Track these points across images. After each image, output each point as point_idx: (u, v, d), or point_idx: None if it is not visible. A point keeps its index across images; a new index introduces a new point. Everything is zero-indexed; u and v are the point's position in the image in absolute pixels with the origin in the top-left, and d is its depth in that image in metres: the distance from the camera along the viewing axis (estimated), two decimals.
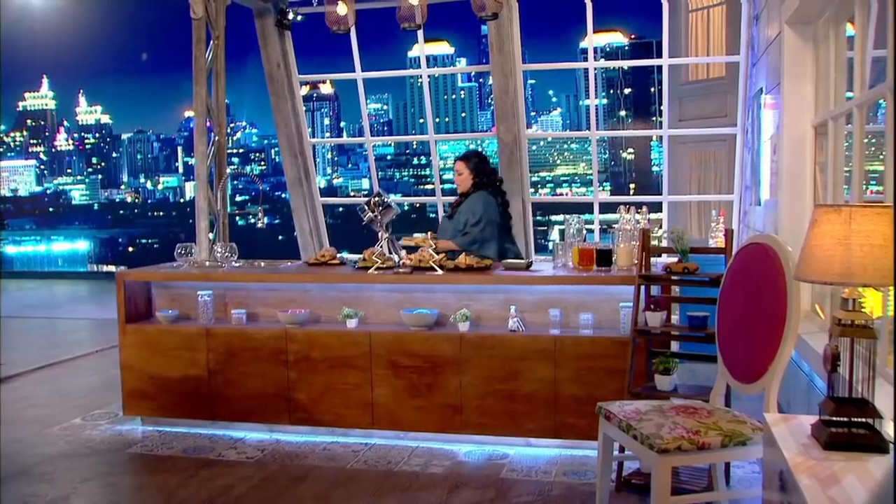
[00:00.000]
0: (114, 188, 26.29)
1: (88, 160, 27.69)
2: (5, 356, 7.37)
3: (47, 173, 29.39)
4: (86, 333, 9.70)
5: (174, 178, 27.31)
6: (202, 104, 7.71)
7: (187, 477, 4.42)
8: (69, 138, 27.54)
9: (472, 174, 5.98)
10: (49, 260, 19.05)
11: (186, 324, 5.28)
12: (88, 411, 5.81)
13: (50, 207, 28.40)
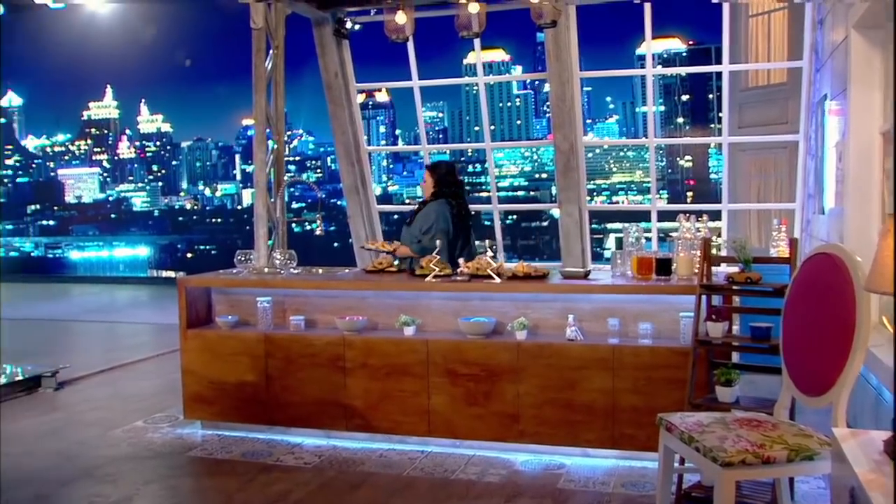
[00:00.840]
0: (173, 195, 26.85)
1: (149, 168, 28.34)
2: (68, 359, 7.54)
3: (110, 181, 30.18)
4: (145, 338, 9.90)
5: (232, 185, 27.87)
6: (262, 113, 7.82)
7: (246, 481, 4.47)
8: (131, 146, 28.24)
9: (435, 184, 6.17)
10: (111, 265, 19.50)
11: (245, 329, 5.35)
12: (150, 414, 5.92)
13: (112, 214, 29.16)
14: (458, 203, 6.15)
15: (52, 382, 6.80)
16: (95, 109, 20.44)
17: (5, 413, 6.06)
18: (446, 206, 6.07)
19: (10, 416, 5.99)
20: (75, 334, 10.33)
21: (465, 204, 6.23)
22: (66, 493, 4.37)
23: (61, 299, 14.10)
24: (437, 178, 6.22)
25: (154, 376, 7.34)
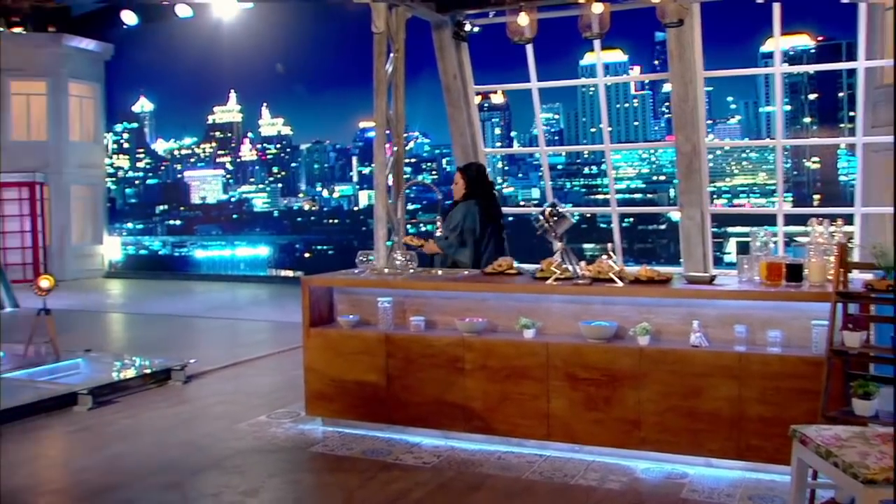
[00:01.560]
0: (292, 196, 27.77)
1: (270, 170, 29.36)
2: (194, 353, 7.86)
3: (232, 182, 31.42)
4: (265, 335, 10.22)
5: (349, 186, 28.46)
6: (382, 116, 7.97)
7: (367, 479, 4.56)
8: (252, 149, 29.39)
9: (466, 185, 6.44)
10: (232, 264, 20.29)
11: (366, 329, 5.46)
12: (272, 409, 6.10)
13: (234, 214, 30.34)
14: (488, 204, 6.40)
15: (181, 376, 7.11)
16: (220, 114, 21.41)
17: (139, 403, 6.38)
18: (475, 206, 6.35)
19: (144, 406, 6.30)
20: (200, 330, 10.77)
21: (496, 205, 6.46)
22: (196, 483, 4.56)
23: (186, 296, 14.72)
24: (469, 180, 6.47)
25: (275, 373, 7.57)
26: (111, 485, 4.55)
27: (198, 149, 19.91)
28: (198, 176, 19.66)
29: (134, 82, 18.65)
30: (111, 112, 20.11)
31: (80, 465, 4.95)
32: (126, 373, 7.18)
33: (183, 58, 17.40)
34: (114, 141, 17.85)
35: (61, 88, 18.46)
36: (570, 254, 5.47)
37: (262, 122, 18.95)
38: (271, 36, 15.72)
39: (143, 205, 19.01)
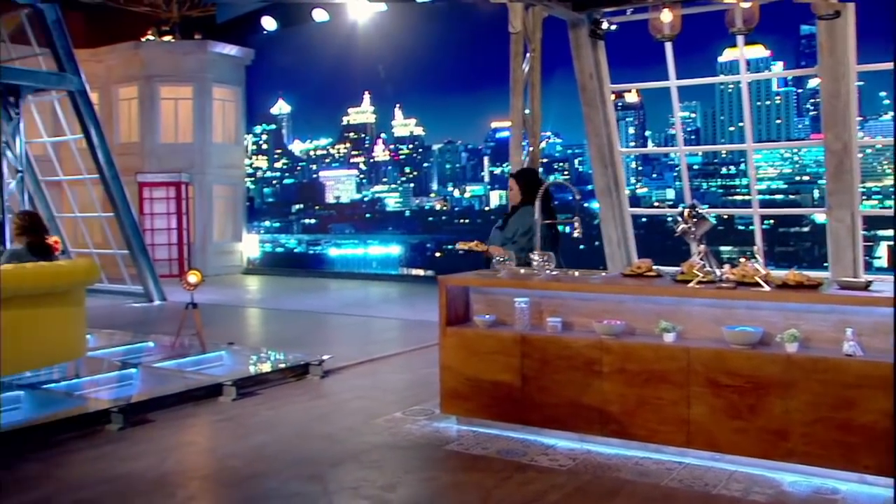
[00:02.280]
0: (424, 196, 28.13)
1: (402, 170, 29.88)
2: (329, 349, 8.07)
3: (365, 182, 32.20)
4: (397, 332, 10.42)
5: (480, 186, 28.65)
6: (518, 115, 7.99)
7: (502, 479, 4.58)
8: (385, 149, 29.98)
9: (522, 189, 6.58)
10: (365, 262, 20.83)
11: (502, 329, 5.49)
12: (407, 406, 6.22)
13: (367, 214, 31.03)
14: (548, 208, 6.44)
15: (319, 370, 7.34)
16: (354, 115, 22.09)
17: (279, 395, 6.64)
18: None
19: (284, 398, 6.54)
20: (334, 327, 11.08)
21: (552, 208, 6.55)
22: (336, 475, 4.71)
23: (321, 293, 15.18)
24: (523, 185, 6.62)
25: (408, 370, 7.71)
26: (255, 473, 4.76)
27: (332, 149, 20.62)
28: (332, 176, 20.36)
29: (273, 85, 19.61)
30: (251, 114, 20.98)
31: (226, 453, 5.19)
32: (267, 366, 7.48)
33: (319, 61, 18.12)
34: (253, 142, 18.72)
35: (206, 93, 19.38)
36: (712, 256, 5.34)
37: (395, 122, 19.45)
38: (404, 37, 16.12)
39: (280, 204, 19.87)
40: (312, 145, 21.21)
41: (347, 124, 21.16)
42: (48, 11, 12.67)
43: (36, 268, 6.13)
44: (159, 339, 8.89)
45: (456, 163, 19.68)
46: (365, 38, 18.58)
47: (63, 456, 5.09)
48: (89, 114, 13.25)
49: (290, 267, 20.01)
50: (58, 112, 15.93)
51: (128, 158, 17.61)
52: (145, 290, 13.69)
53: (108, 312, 11.83)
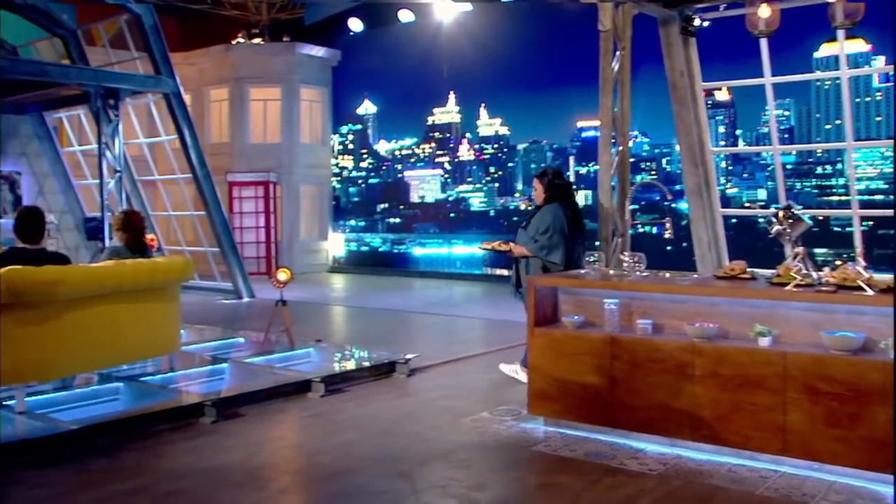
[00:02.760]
0: (508, 195, 27.95)
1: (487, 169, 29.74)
2: (413, 348, 8.12)
3: (450, 182, 32.22)
4: (481, 332, 10.42)
5: None
6: (607, 114, 7.90)
7: (591, 482, 4.55)
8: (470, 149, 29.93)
9: (545, 189, 6.78)
10: (449, 262, 20.89)
11: (591, 330, 5.44)
12: (493, 406, 6.22)
13: (451, 213, 31.12)
14: (570, 206, 6.76)
15: (405, 369, 7.41)
16: (439, 115, 22.05)
17: (366, 393, 6.72)
18: (560, 208, 6.69)
19: (371, 396, 6.62)
20: (419, 326, 11.15)
21: (576, 207, 6.82)
22: (424, 473, 4.75)
23: (405, 292, 15.30)
24: (547, 184, 6.82)
25: (493, 370, 7.69)
26: (344, 469, 4.83)
27: (418, 149, 20.64)
28: (417, 175, 20.36)
29: (359, 86, 19.87)
30: (337, 115, 21.33)
31: (315, 449, 5.29)
32: (354, 364, 7.58)
33: (405, 61, 18.23)
34: (339, 142, 18.97)
35: (294, 94, 19.77)
36: (809, 259, 5.19)
37: (481, 122, 19.32)
38: (490, 37, 16.02)
39: (366, 203, 19.97)
40: (398, 145, 21.44)
41: (432, 124, 21.31)
42: (146, 17, 13.12)
43: (135, 264, 6.36)
44: (249, 335, 9.12)
45: (541, 162, 19.62)
46: (450, 39, 18.67)
47: (159, 447, 5.26)
48: (183, 115, 13.66)
49: (374, 266, 20.22)
50: (153, 114, 16.49)
51: (218, 158, 18.08)
52: (235, 288, 14.05)
53: (199, 308, 12.18)
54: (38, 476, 4.71)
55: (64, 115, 16.69)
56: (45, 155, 16.38)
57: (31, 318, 5.47)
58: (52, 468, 4.83)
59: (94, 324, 5.91)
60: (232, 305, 13.24)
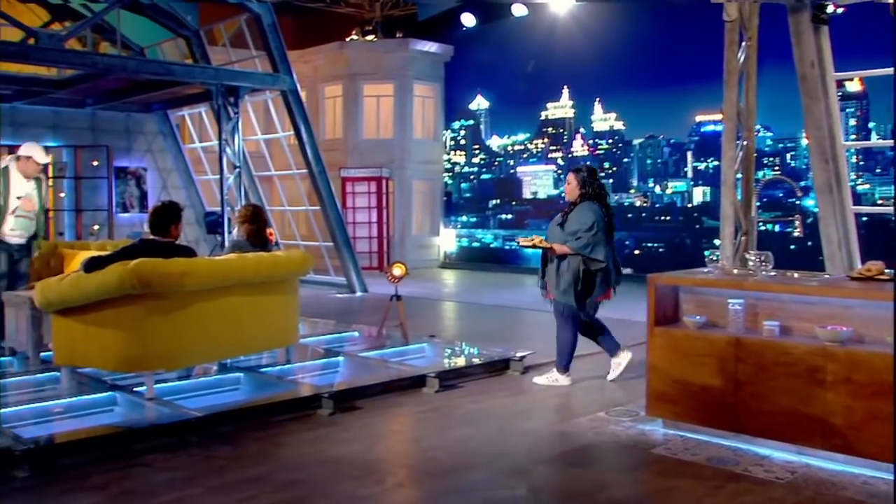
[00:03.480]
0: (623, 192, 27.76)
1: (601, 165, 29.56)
2: (524, 345, 8.08)
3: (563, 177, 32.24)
4: None
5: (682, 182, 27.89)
6: (732, 108, 7.70)
7: (714, 487, 4.44)
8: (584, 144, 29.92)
9: (580, 185, 6.80)
10: None
11: (714, 331, 5.31)
12: (610, 407, 6.15)
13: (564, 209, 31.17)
14: (605, 205, 6.84)
15: (519, 366, 7.41)
16: (552, 110, 22.06)
17: (480, 389, 6.75)
18: (597, 206, 6.78)
19: (485, 393, 6.65)
20: (530, 323, 11.10)
21: (609, 207, 6.89)
22: (541, 472, 4.74)
23: (516, 288, 15.27)
24: (581, 181, 6.82)
25: (608, 370, 7.62)
26: (459, 465, 4.87)
27: (530, 144, 20.61)
28: (529, 171, 20.34)
29: (471, 81, 19.75)
30: (449, 110, 21.54)
31: (430, 444, 5.35)
32: (467, 360, 7.63)
33: (517, 56, 18.12)
34: (451, 138, 19.11)
35: (407, 89, 20.03)
36: None
37: (595, 117, 19.12)
38: (604, 30, 15.83)
39: (477, 199, 20.07)
40: (510, 140, 21.46)
41: (546, 119, 21.25)
42: (265, 16, 13.53)
43: (256, 258, 6.58)
44: (363, 330, 9.29)
45: (657, 158, 19.25)
46: (564, 32, 18.57)
47: (280, 436, 5.43)
48: (300, 112, 14.03)
49: (485, 262, 20.29)
50: (271, 110, 17.00)
51: (332, 154, 18.49)
52: (348, 282, 14.34)
53: (313, 302, 12.47)
54: (165, 460, 4.93)
55: (186, 112, 17.40)
56: (169, 151, 17.11)
57: (159, 308, 5.75)
58: (178, 453, 5.06)
59: (217, 315, 6.15)
60: (345, 299, 13.52)
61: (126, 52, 14.33)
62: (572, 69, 19.37)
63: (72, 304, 5.89)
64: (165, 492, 4.41)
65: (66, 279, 5.95)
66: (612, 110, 19.88)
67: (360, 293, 14.10)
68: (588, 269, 6.74)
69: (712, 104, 7.90)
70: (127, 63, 12.54)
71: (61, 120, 15.43)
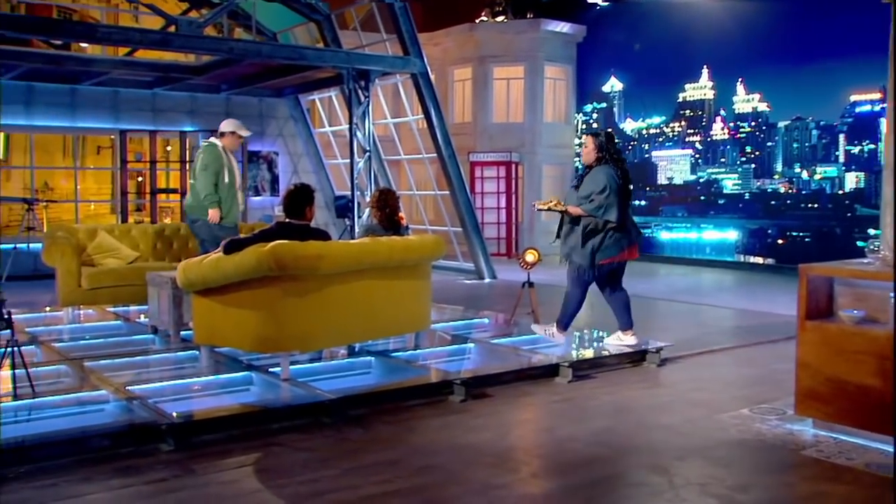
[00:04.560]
0: (766, 178, 26.26)
1: (742, 149, 28.04)
2: (660, 336, 7.90)
3: (701, 162, 30.75)
4: (734, 323, 10.00)
5: (833, 168, 26.06)
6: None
7: (874, 497, 4.24)
8: (724, 127, 28.41)
9: (596, 149, 7.14)
10: (697, 247, 20.09)
11: (874, 327, 5.06)
12: (754, 404, 5.96)
13: (701, 196, 29.59)
14: (621, 168, 7.16)
15: (656, 358, 7.27)
16: (690, 91, 21.09)
17: (615, 381, 6.68)
18: (612, 169, 7.07)
19: (621, 384, 6.57)
20: (664, 313, 10.89)
21: (626, 171, 7.24)
22: (682, 469, 4.64)
23: (649, 277, 14.98)
24: (598, 145, 7.14)
25: (751, 364, 7.40)
26: (596, 457, 4.83)
27: (666, 128, 19.96)
28: (665, 156, 19.71)
29: (604, 62, 19.55)
30: (581, 93, 21.28)
31: (564, 435, 5.32)
32: (601, 350, 7.54)
33: (654, 35, 17.68)
34: (583, 121, 18.85)
35: (537, 72, 19.91)
36: None
37: (737, 98, 18.25)
38: (749, 6, 15.13)
39: None
40: (645, 124, 21.05)
41: (683, 101, 20.74)
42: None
43: (389, 242, 6.70)
44: (492, 316, 9.32)
45: (805, 141, 18.49)
46: (705, 9, 18.08)
47: (412, 421, 5.52)
48: (430, 95, 14.16)
49: None
50: (401, 94, 17.23)
51: (461, 138, 18.59)
52: (476, 268, 14.41)
53: (441, 287, 12.59)
54: (300, 440, 5.10)
55: (317, 96, 17.84)
56: (300, 136, 17.59)
57: (295, 290, 5.92)
58: (313, 434, 5.22)
59: (351, 298, 6.30)
60: (473, 286, 13.59)
61: (260, 38, 14.81)
62: (713, 47, 18.85)
63: (212, 284, 6.14)
64: (301, 472, 4.55)
65: (207, 260, 6.20)
66: (755, 91, 19.24)
67: (489, 279, 14.15)
68: (598, 229, 7.09)
69: (869, 82, 7.51)
70: (261, 48, 12.96)
71: (198, 105, 16.09)
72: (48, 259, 9.06)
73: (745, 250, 19.10)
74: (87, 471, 4.50)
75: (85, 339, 7.87)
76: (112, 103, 15.19)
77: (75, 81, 14.53)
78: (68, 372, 6.40)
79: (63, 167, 20.75)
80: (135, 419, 5.23)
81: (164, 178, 18.20)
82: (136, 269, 9.08)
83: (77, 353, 7.04)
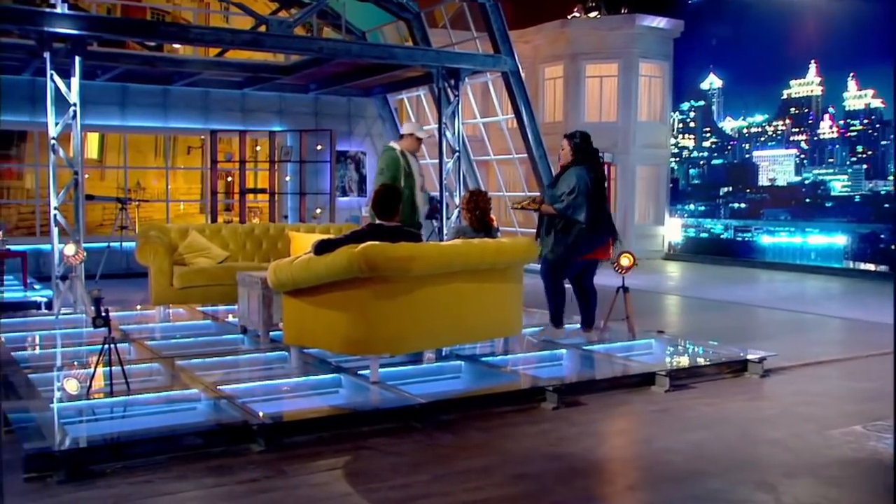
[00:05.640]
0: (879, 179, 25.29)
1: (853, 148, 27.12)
2: (761, 346, 7.70)
3: (806, 163, 29.94)
4: (844, 334, 9.70)
5: None
6: None
7: None
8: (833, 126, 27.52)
9: (572, 151, 7.52)
10: (801, 253, 19.61)
11: None
12: (868, 420, 5.75)
13: (806, 198, 28.89)
14: (595, 169, 7.54)
15: (759, 369, 7.09)
16: (796, 88, 20.57)
17: (715, 391, 6.54)
18: (585, 171, 7.44)
19: (721, 395, 6.43)
20: (765, 322, 10.63)
21: (601, 170, 7.64)
22: (789, 487, 4.51)
23: (749, 284, 14.66)
24: (574, 147, 7.50)
25: (863, 378, 7.15)
26: (697, 471, 4.74)
27: (769, 126, 19.49)
28: (767, 156, 19.26)
29: (702, 58, 19.02)
30: (678, 90, 20.90)
31: (662, 446, 5.23)
32: (700, 359, 7.40)
33: (756, 29, 17.18)
34: (679, 120, 18.54)
35: (632, 69, 19.65)
36: None
37: (848, 94, 17.69)
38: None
39: (707, 186, 19.35)
40: (745, 122, 20.54)
41: (788, 98, 20.15)
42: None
43: (481, 244, 6.70)
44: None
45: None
46: (815, 2, 17.52)
47: (504, 428, 5.52)
48: (521, 94, 14.14)
49: (714, 254, 19.61)
50: (490, 92, 17.24)
51: (551, 138, 18.46)
52: None
53: (529, 290, 12.42)
54: (390, 444, 5.14)
55: (405, 95, 17.99)
56: (388, 135, 17.76)
57: (386, 292, 5.98)
58: (403, 438, 5.26)
59: (441, 301, 6.32)
60: None
61: (349, 37, 15.02)
62: (822, 41, 18.24)
63: (302, 285, 6.25)
64: (392, 477, 4.59)
65: (297, 261, 6.31)
66: (869, 86, 18.51)
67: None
68: (569, 228, 7.50)
69: None
70: (351, 48, 13.14)
71: (286, 105, 16.42)
72: (141, 258, 9.36)
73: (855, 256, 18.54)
74: (181, 469, 4.63)
75: (176, 337, 8.11)
76: (203, 104, 15.63)
77: (168, 82, 15.00)
78: (160, 370, 6.61)
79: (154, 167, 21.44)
80: (225, 419, 5.35)
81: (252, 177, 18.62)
82: (226, 269, 9.30)
83: (168, 351, 7.26)
